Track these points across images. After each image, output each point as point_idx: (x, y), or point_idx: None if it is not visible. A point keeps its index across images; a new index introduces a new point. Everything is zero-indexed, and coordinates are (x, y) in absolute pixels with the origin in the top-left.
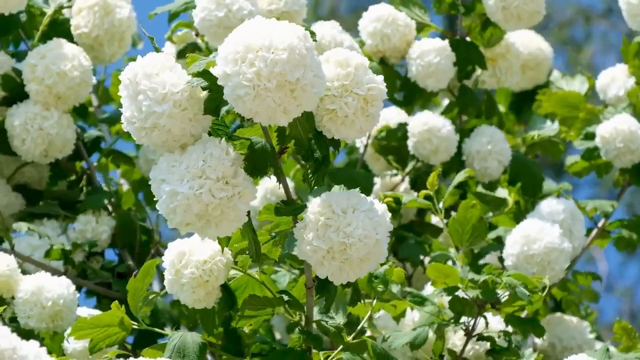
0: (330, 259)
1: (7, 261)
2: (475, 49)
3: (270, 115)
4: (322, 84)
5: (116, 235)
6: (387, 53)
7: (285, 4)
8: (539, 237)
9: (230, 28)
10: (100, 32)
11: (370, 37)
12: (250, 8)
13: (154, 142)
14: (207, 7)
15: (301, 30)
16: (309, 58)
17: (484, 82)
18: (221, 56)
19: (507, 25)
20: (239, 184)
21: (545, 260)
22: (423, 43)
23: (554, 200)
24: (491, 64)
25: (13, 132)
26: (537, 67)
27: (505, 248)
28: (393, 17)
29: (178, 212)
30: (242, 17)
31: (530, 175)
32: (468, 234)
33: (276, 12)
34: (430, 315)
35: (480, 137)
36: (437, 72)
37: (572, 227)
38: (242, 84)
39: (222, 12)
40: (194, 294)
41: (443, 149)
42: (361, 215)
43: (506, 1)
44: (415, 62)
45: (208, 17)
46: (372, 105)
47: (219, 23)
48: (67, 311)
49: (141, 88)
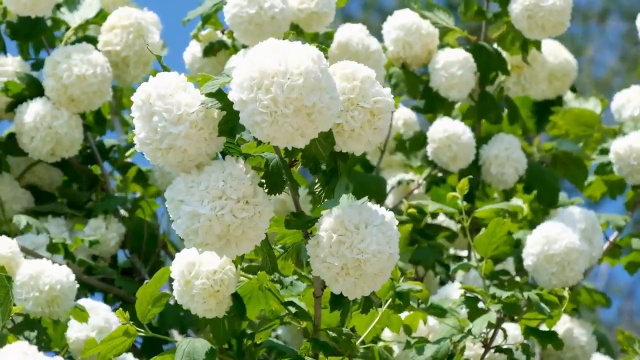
0: (344, 275)
1: (9, 244)
2: (498, 55)
3: (288, 140)
4: (337, 105)
5: (127, 239)
6: (408, 60)
7: (317, 4)
8: (559, 238)
9: (261, 25)
10: (130, 53)
11: (393, 44)
12: (281, 6)
13: (169, 163)
14: (238, 3)
15: (315, 52)
16: (324, 80)
17: (509, 89)
18: (236, 82)
19: (531, 34)
20: (259, 202)
21: (565, 260)
22: (447, 54)
23: (577, 209)
24: (516, 72)
25: (22, 129)
26: (563, 77)
27: (525, 248)
28: (417, 26)
29: (200, 233)
30: (273, 14)
31: (546, 184)
32: (493, 246)
33: (306, 12)
34: (452, 327)
35: (499, 143)
36: (460, 84)
37: (592, 237)
38: (259, 111)
39: (254, 9)
40: (205, 304)
41: (462, 156)
42: (374, 230)
43: (532, 10)
44: (439, 72)
45: (239, 13)
46: (379, 118)
47: (250, 20)
48: (63, 298)
49: (156, 109)
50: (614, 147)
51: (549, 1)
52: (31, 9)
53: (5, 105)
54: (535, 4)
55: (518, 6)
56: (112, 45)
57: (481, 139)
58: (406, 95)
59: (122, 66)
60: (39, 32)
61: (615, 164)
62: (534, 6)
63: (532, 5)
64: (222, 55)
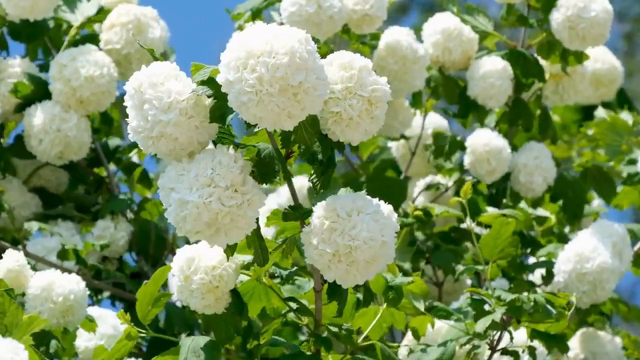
0: (336, 262)
1: (16, 257)
2: (535, 62)
3: (275, 120)
4: (325, 87)
5: (133, 241)
6: (446, 64)
7: (371, 7)
8: (592, 257)
9: (319, 25)
10: (132, 50)
11: (433, 47)
12: (339, 5)
13: (161, 151)
14: (297, 1)
15: (301, 34)
16: (310, 61)
17: (547, 97)
18: (223, 63)
19: (571, 45)
20: (247, 191)
21: (597, 279)
22: (485, 63)
23: (609, 222)
24: (554, 81)
25: (31, 131)
26: (610, 84)
27: (557, 264)
28: (458, 32)
29: (188, 220)
30: (331, 14)
31: (573, 195)
32: (499, 248)
33: (360, 13)
34: (459, 330)
35: (528, 151)
36: (498, 94)
37: (622, 251)
38: (245, 90)
39: (313, 8)
40: (204, 299)
41: (499, 170)
42: (366, 218)
43: (574, 22)
44: (477, 82)
45: (299, 11)
46: (376, 107)
47: (308, 18)
48: (77, 307)
49: (146, 97)
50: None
51: (591, 13)
52: (30, 12)
53: (14, 106)
54: (577, 15)
55: (560, 16)
56: (112, 44)
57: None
58: (443, 100)
59: (125, 64)
60: (40, 33)
61: None
62: (576, 17)
63: (574, 17)
64: None
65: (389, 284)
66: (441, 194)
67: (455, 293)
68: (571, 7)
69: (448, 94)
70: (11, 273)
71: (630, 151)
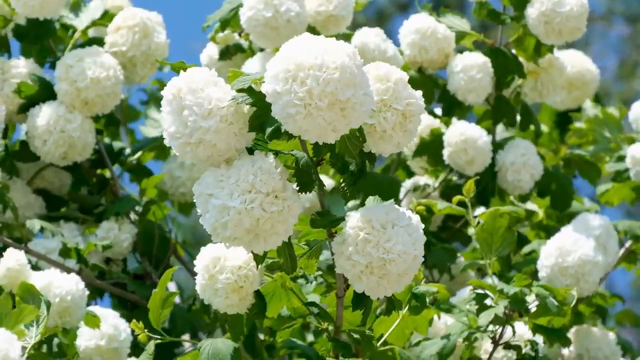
0: (368, 274)
1: (16, 256)
2: (514, 59)
3: (320, 134)
4: (371, 102)
5: (137, 243)
6: (424, 64)
7: (335, 7)
8: (573, 250)
9: (277, 29)
10: (137, 53)
11: (409, 48)
12: (297, 9)
13: (199, 157)
14: (255, 6)
15: (350, 48)
16: (359, 76)
17: (526, 94)
18: (271, 74)
19: (547, 40)
20: (288, 197)
21: (579, 272)
22: (465, 58)
23: (591, 215)
24: (533, 77)
25: (35, 132)
26: (583, 86)
27: (539, 260)
28: (432, 30)
29: (229, 226)
30: (289, 18)
31: (561, 189)
32: (497, 244)
33: (324, 15)
34: (463, 324)
35: (515, 149)
36: (478, 88)
37: (606, 244)
38: (294, 103)
39: (270, 13)
40: (228, 299)
41: (479, 160)
42: (400, 231)
43: (549, 16)
44: (457, 76)
45: (255, 16)
46: (410, 121)
47: (265, 23)
48: (75, 307)
49: (186, 103)
50: (630, 151)
51: (566, 7)
52: (39, 11)
53: (17, 107)
54: (552, 10)
55: (535, 11)
56: (118, 46)
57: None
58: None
59: (129, 66)
60: (47, 34)
61: (631, 168)
62: (551, 12)
63: (548, 11)
64: (239, 58)
65: (414, 292)
66: (428, 195)
67: (450, 291)
68: (546, 2)
69: (426, 94)
70: (11, 272)
71: (619, 148)
